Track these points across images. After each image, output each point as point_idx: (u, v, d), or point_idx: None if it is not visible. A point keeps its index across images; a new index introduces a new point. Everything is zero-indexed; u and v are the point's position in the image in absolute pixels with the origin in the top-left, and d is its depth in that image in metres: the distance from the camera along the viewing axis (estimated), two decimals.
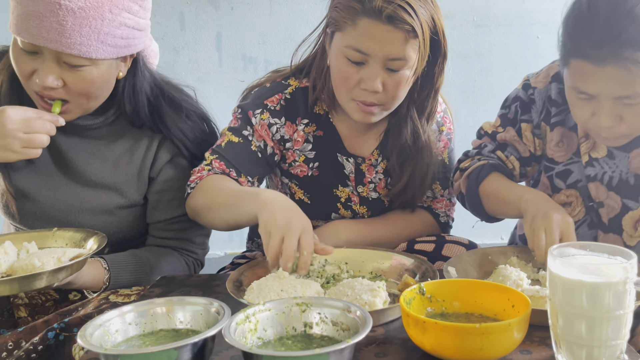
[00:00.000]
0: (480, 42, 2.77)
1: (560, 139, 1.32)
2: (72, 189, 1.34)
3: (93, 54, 1.18)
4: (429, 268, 1.15)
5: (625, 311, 0.82)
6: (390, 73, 1.25)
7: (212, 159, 1.35)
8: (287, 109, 1.38)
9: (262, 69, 2.77)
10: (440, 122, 1.46)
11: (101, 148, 1.35)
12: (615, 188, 1.28)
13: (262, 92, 1.40)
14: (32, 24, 1.14)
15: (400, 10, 1.19)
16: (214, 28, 2.76)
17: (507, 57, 2.76)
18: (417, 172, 1.40)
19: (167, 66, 1.44)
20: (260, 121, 1.37)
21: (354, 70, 1.26)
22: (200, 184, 1.32)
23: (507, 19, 2.75)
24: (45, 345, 1.07)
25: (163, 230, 1.40)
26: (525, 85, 1.38)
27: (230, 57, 2.79)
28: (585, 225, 1.32)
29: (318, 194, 1.44)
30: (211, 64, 2.79)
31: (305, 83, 1.40)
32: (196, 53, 2.79)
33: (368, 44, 1.22)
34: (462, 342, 0.84)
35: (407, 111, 1.38)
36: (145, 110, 1.33)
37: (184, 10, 2.74)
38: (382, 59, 1.23)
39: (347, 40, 1.24)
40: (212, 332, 0.83)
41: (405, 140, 1.39)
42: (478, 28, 2.75)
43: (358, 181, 1.44)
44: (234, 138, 1.37)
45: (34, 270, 1.06)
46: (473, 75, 2.79)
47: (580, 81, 1.13)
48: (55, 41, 1.15)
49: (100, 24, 1.16)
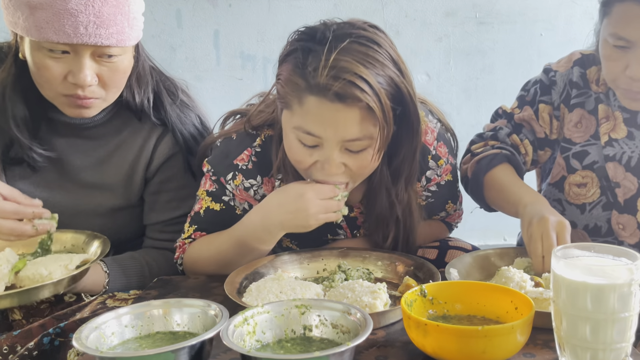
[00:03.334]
0: (483, 40, 2.75)
1: (579, 120, 1.35)
2: (68, 190, 1.32)
3: (127, 41, 1.19)
4: (430, 270, 1.14)
5: (631, 313, 0.81)
6: (350, 154, 1.11)
7: (192, 231, 1.28)
8: (259, 165, 1.25)
9: (261, 66, 2.75)
10: (436, 156, 1.30)
11: (96, 148, 1.33)
12: (633, 169, 1.31)
13: (230, 149, 1.26)
14: (67, 23, 1.12)
15: (349, 87, 1.03)
16: (212, 25, 2.75)
17: (510, 55, 2.75)
18: (398, 239, 1.29)
19: (163, 64, 1.42)
20: (235, 187, 1.26)
21: (307, 153, 1.11)
22: (187, 256, 1.27)
23: (510, 16, 2.74)
24: (41, 351, 1.06)
25: (160, 232, 1.38)
26: (546, 69, 1.42)
27: (228, 55, 2.77)
28: (599, 207, 1.35)
29: (306, 243, 1.35)
30: (209, 61, 2.78)
31: (272, 131, 1.25)
32: (193, 51, 2.77)
33: (318, 126, 1.07)
34: (465, 345, 0.84)
35: (380, 180, 1.24)
36: (150, 99, 1.33)
37: (180, 7, 2.73)
38: (338, 142, 1.09)
39: (296, 120, 1.10)
40: (210, 335, 0.82)
41: (381, 211, 1.26)
42: (480, 25, 2.73)
43: (352, 227, 1.35)
44: (215, 205, 1.27)
45: (42, 280, 1.06)
46: (475, 73, 2.78)
47: (621, 26, 1.17)
48: (95, 35, 1.14)
49: (127, 10, 1.17)
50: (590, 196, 1.35)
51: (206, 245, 1.26)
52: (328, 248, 1.29)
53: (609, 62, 1.23)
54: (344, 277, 1.17)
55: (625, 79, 1.21)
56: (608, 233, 1.36)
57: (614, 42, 1.19)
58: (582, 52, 1.39)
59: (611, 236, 1.35)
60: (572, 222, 1.37)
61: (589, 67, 1.36)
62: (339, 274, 1.17)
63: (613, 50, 1.20)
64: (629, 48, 1.18)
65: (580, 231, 1.38)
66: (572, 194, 1.37)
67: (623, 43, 1.18)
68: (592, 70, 1.36)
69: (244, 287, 1.10)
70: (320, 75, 1.03)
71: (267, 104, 1.26)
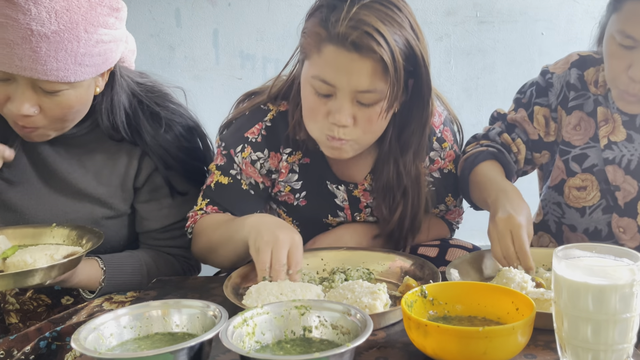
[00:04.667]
0: (484, 39, 2.75)
1: (578, 122, 1.34)
2: (56, 199, 1.29)
3: (71, 77, 1.11)
4: (431, 270, 1.13)
5: (632, 314, 0.80)
6: (361, 107, 1.16)
7: (204, 205, 1.31)
8: (268, 138, 1.30)
9: (260, 66, 2.74)
10: (441, 139, 1.35)
11: (82, 157, 1.29)
12: (632, 172, 1.30)
13: (242, 123, 1.32)
14: (2, 52, 1.07)
15: (366, 37, 1.09)
16: (211, 24, 2.74)
17: (511, 54, 2.74)
18: (406, 214, 1.31)
19: (162, 64, 1.42)
20: (243, 160, 1.30)
21: (321, 103, 1.17)
22: (196, 229, 1.29)
23: (511, 15, 2.73)
24: (37, 355, 1.05)
25: (154, 239, 1.36)
26: (543, 71, 1.40)
27: (228, 54, 2.77)
28: (599, 210, 1.34)
29: (307, 222, 1.39)
30: (208, 61, 2.77)
31: (285, 106, 1.31)
32: (192, 50, 2.76)
33: (333, 75, 1.13)
34: (465, 346, 0.83)
35: (389, 150, 1.28)
36: (124, 125, 1.27)
37: (179, 6, 2.72)
38: (350, 92, 1.14)
39: (313, 69, 1.16)
40: (209, 336, 0.81)
41: (388, 181, 1.29)
42: (481, 24, 2.73)
43: (354, 209, 1.37)
44: (223, 179, 1.31)
45: (26, 267, 1.04)
46: (476, 73, 2.77)
47: (631, 24, 1.15)
48: (30, 69, 1.08)
49: (76, 46, 1.09)
50: (591, 199, 1.34)
51: (212, 229, 1.26)
52: (328, 248, 1.29)
53: (613, 60, 1.21)
54: (344, 278, 1.16)
55: (625, 79, 1.19)
56: (608, 236, 1.34)
57: (621, 40, 1.17)
58: (579, 54, 1.37)
59: (611, 239, 1.34)
60: (572, 226, 1.37)
61: (587, 68, 1.35)
62: (339, 275, 1.16)
63: (618, 48, 1.18)
64: (634, 47, 1.16)
65: (579, 235, 1.37)
66: (572, 197, 1.36)
67: (630, 42, 1.16)
68: (590, 71, 1.34)
69: (244, 289, 1.10)
70: (341, 25, 1.10)
71: (286, 74, 1.32)
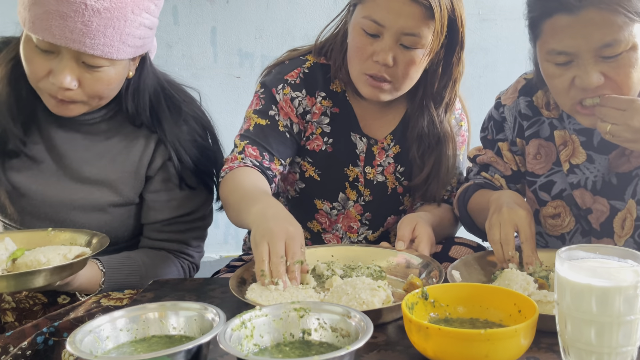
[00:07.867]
0: (486, 37, 2.74)
1: (537, 150, 1.32)
2: (65, 185, 1.31)
3: (115, 54, 1.18)
4: (436, 267, 1.14)
5: (637, 316, 0.79)
6: (403, 49, 1.28)
7: (244, 145, 1.36)
8: (306, 81, 1.41)
9: (259, 64, 2.73)
10: (459, 118, 1.49)
11: (97, 144, 1.33)
12: (600, 192, 1.27)
13: (282, 69, 1.43)
14: (55, 24, 1.13)
15: None
16: (209, 22, 2.73)
17: (513, 52, 2.73)
18: (439, 163, 1.42)
19: (159, 62, 1.41)
20: (283, 97, 1.40)
21: (368, 42, 1.29)
22: (226, 177, 1.32)
23: (513, 13, 2.71)
24: (34, 350, 1.05)
25: (159, 231, 1.37)
26: (496, 104, 1.40)
27: (226, 52, 2.76)
28: (578, 234, 1.32)
29: (329, 171, 1.45)
30: (206, 59, 2.76)
31: (323, 60, 1.43)
32: (190, 48, 2.76)
33: (384, 15, 1.25)
34: (467, 349, 0.82)
35: (422, 100, 1.41)
36: (147, 110, 1.33)
37: (177, 3, 2.71)
38: (396, 33, 1.25)
39: (365, 10, 1.28)
40: (207, 339, 0.81)
41: (423, 129, 1.41)
42: (483, 22, 2.72)
43: (367, 162, 1.46)
44: (261, 120, 1.39)
45: (39, 266, 1.05)
46: (478, 71, 2.77)
47: (556, 40, 1.12)
48: (79, 42, 1.14)
49: (123, 25, 1.17)
50: (567, 225, 1.32)
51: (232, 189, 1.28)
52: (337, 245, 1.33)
53: (555, 80, 1.16)
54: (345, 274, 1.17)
55: (576, 92, 1.14)
56: None
57: (554, 59, 1.13)
58: (526, 77, 1.35)
59: None
60: None
61: (535, 92, 1.32)
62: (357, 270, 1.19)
63: (556, 68, 1.14)
64: (571, 61, 1.12)
65: None
66: (548, 226, 1.34)
67: (563, 58, 1.12)
68: (539, 95, 1.32)
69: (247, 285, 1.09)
70: None
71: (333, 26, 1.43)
